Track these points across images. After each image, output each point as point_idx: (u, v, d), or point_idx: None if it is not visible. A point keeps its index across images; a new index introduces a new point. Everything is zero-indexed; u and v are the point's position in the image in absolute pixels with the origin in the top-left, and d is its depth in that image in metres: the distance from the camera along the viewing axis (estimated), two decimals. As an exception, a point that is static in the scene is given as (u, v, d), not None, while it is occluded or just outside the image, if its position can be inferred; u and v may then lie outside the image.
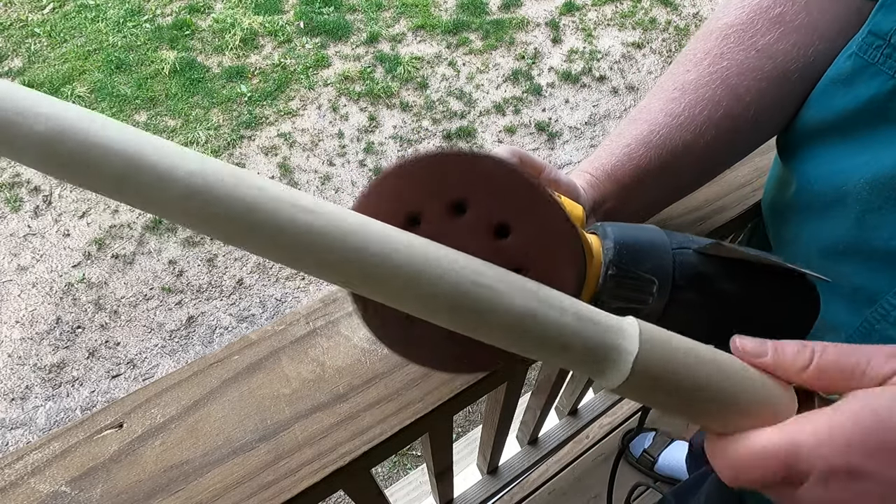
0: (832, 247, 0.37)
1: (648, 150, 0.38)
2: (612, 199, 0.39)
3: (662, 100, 0.39)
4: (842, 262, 0.36)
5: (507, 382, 0.52)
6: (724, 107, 0.38)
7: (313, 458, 0.35)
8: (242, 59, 2.53)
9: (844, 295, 0.36)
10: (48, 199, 2.10)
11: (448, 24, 2.69)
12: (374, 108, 2.40)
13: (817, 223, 0.39)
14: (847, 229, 0.35)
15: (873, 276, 0.34)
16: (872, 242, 0.33)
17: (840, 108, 0.35)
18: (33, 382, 1.74)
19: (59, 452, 0.35)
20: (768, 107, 0.38)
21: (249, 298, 1.92)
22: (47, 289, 1.91)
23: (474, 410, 1.69)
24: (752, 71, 0.37)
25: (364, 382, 0.38)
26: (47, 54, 2.51)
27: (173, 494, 0.33)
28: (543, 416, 0.85)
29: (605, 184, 0.39)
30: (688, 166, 0.39)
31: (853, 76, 0.34)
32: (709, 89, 0.38)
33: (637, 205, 0.41)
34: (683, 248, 0.28)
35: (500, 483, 0.91)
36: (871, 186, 0.33)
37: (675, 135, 0.38)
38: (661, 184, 0.40)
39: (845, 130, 0.36)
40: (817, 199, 0.38)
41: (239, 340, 0.40)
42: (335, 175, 2.20)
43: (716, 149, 0.39)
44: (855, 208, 0.34)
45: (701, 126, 0.38)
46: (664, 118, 0.38)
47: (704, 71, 0.38)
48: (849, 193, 0.35)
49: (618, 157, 0.39)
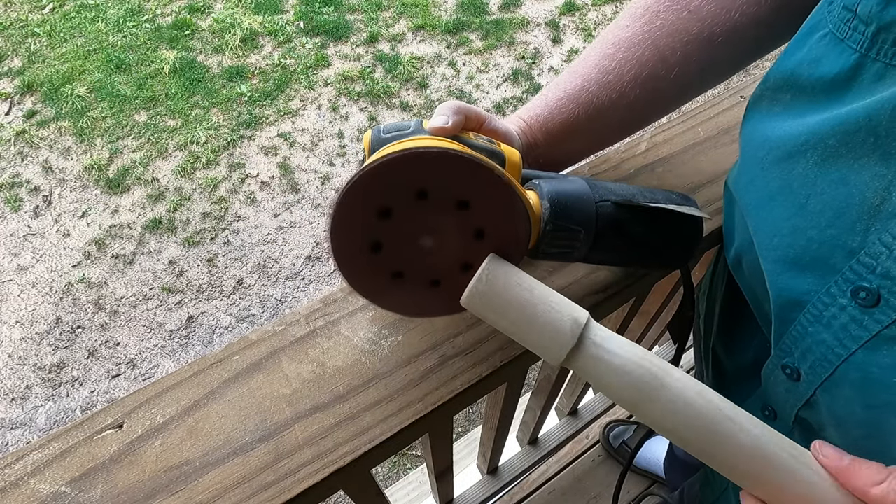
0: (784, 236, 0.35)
1: (578, 105, 0.42)
2: (542, 146, 0.44)
3: (599, 55, 0.42)
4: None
5: (507, 382, 0.52)
6: (650, 68, 0.40)
7: (313, 458, 0.35)
8: (242, 59, 2.53)
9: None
10: (48, 199, 2.10)
11: (448, 24, 2.69)
12: (374, 108, 2.40)
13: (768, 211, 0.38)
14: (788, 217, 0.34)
15: (802, 273, 0.33)
16: (808, 231, 0.32)
17: (808, 87, 0.34)
18: (33, 382, 1.74)
19: (59, 453, 0.35)
20: (691, 70, 0.41)
21: (249, 298, 1.92)
22: (47, 289, 1.91)
23: (474, 410, 1.69)
24: (681, 33, 0.40)
25: (364, 382, 0.38)
26: (47, 54, 2.51)
27: (173, 495, 0.33)
28: (543, 416, 0.85)
29: (537, 134, 0.43)
30: (613, 121, 0.43)
31: (823, 56, 0.33)
32: (639, 49, 0.40)
33: (565, 153, 0.45)
34: (604, 200, 0.35)
35: (500, 483, 0.91)
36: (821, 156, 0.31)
37: (603, 92, 0.41)
38: (587, 136, 0.44)
39: (801, 107, 0.34)
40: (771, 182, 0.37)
41: (239, 340, 0.40)
42: (335, 175, 2.20)
43: (639, 107, 0.43)
44: (801, 192, 0.33)
45: (627, 85, 0.41)
46: (596, 74, 0.42)
47: (639, 29, 0.41)
48: (795, 178, 0.33)
49: (550, 110, 0.43)
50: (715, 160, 0.53)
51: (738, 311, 0.48)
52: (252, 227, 2.07)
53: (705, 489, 0.55)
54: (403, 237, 0.30)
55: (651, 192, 0.38)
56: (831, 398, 0.32)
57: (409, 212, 0.29)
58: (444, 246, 0.31)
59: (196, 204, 2.10)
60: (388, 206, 0.28)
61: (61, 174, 2.16)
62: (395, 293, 0.33)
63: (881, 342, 0.28)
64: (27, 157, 2.20)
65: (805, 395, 0.34)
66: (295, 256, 2.02)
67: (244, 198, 2.13)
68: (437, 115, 0.36)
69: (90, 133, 2.26)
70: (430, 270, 0.32)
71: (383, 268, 0.31)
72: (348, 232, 0.29)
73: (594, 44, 0.43)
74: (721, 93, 0.60)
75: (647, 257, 0.38)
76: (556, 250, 0.35)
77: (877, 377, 0.29)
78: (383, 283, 0.32)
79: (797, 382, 0.35)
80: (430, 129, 0.36)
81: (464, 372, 0.39)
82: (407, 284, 0.32)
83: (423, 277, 0.32)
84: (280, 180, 2.18)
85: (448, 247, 0.31)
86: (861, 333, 0.29)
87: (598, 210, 0.34)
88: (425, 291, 0.33)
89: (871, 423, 0.30)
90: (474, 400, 0.41)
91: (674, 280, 0.64)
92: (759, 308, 0.42)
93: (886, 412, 0.29)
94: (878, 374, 0.29)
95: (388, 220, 0.29)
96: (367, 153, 0.37)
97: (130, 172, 2.16)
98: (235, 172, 2.19)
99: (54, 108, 2.32)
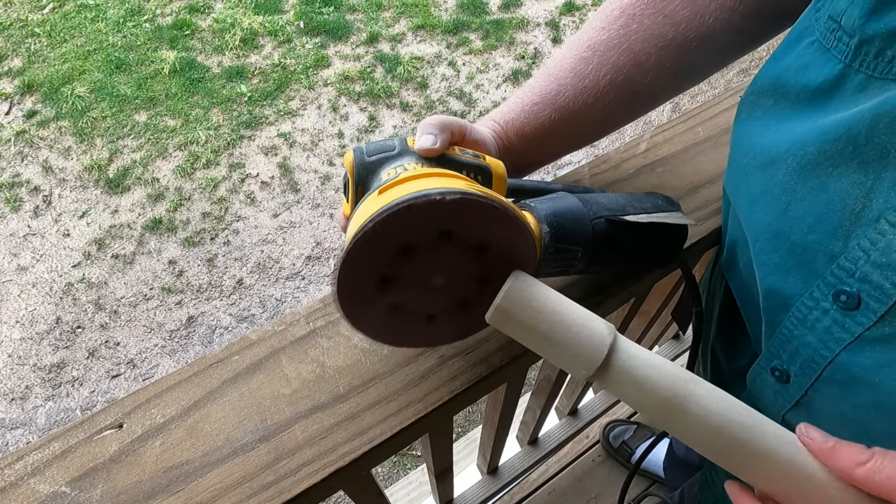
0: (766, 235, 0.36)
1: (553, 110, 0.42)
2: (517, 150, 0.44)
3: (574, 58, 0.42)
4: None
5: (507, 382, 0.52)
6: (625, 73, 0.41)
7: (313, 458, 0.35)
8: (242, 59, 2.53)
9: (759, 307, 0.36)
10: (48, 199, 2.10)
11: (448, 24, 2.69)
12: (374, 108, 2.41)
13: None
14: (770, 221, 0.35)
15: (786, 277, 0.33)
16: (791, 236, 0.33)
17: (793, 93, 0.34)
18: (33, 382, 1.74)
19: (59, 453, 0.35)
20: (664, 74, 0.41)
21: (249, 298, 1.92)
22: (47, 289, 1.91)
23: (474, 410, 1.69)
24: (656, 38, 0.40)
25: (364, 382, 0.38)
26: (47, 54, 2.51)
27: (173, 495, 0.33)
28: (543, 416, 0.85)
29: (513, 138, 0.44)
30: (587, 124, 0.44)
31: (810, 63, 0.33)
32: (615, 53, 0.40)
33: (538, 155, 0.46)
34: (598, 217, 0.36)
35: (500, 483, 0.91)
36: (799, 169, 0.32)
37: (579, 97, 0.42)
38: (562, 138, 0.45)
39: (784, 113, 0.35)
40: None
41: (239, 340, 0.40)
42: (335, 175, 2.20)
43: (613, 111, 0.43)
44: (781, 198, 0.33)
45: (602, 90, 0.41)
46: (572, 79, 0.42)
47: (615, 33, 0.41)
48: (776, 184, 0.34)
49: (526, 114, 0.43)
50: (715, 160, 0.53)
51: (736, 312, 0.48)
52: (252, 227, 2.07)
53: (704, 491, 0.55)
54: (416, 274, 0.30)
55: (638, 199, 0.39)
56: (821, 399, 0.33)
57: (430, 252, 0.29)
58: (451, 283, 0.31)
59: (196, 204, 2.10)
60: (412, 245, 0.28)
61: (61, 174, 2.16)
62: (384, 323, 0.32)
63: (863, 344, 0.29)
64: (27, 157, 2.20)
65: (795, 397, 0.35)
66: (295, 256, 2.02)
67: (244, 198, 2.13)
68: (423, 134, 0.36)
69: (90, 133, 2.26)
70: (430, 306, 0.32)
71: (385, 301, 0.31)
72: (364, 263, 0.28)
73: (569, 45, 0.43)
74: (721, 93, 0.60)
75: (637, 264, 0.40)
76: (556, 269, 0.36)
77: (861, 377, 0.30)
78: (378, 314, 0.31)
79: (787, 384, 0.35)
80: (419, 149, 0.36)
81: (464, 372, 0.39)
82: (401, 317, 0.32)
83: (421, 312, 0.32)
84: (280, 180, 2.18)
85: (455, 283, 0.31)
86: (843, 335, 0.30)
87: (593, 228, 0.35)
88: (417, 325, 0.33)
89: (859, 422, 0.31)
90: (474, 400, 0.41)
91: (674, 280, 0.64)
92: (748, 310, 0.43)
93: (872, 411, 0.30)
94: (861, 374, 0.30)
95: (407, 257, 0.29)
96: (350, 175, 0.37)
97: (130, 172, 2.16)
98: (235, 172, 2.19)
99: (54, 108, 2.32)
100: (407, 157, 0.37)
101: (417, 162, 0.36)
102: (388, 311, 0.31)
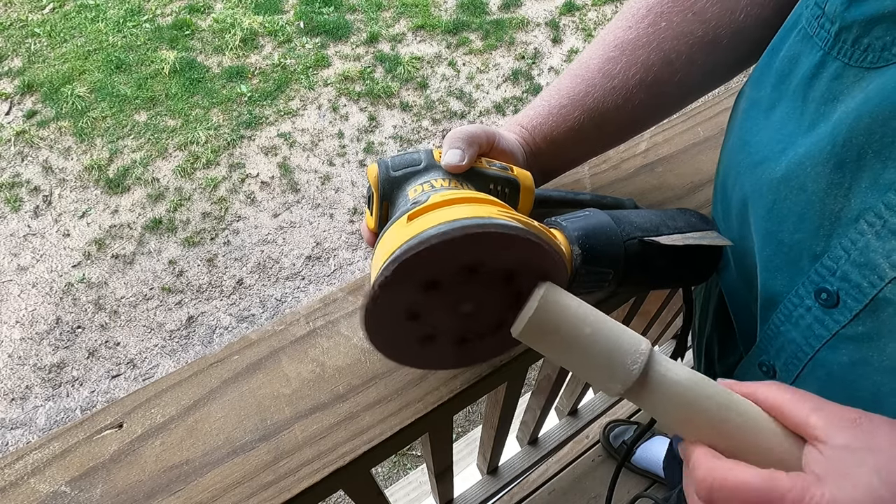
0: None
1: (582, 112, 0.41)
2: (545, 155, 0.43)
3: (602, 58, 0.41)
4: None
5: (507, 382, 0.52)
6: (655, 72, 0.40)
7: (313, 458, 0.35)
8: (242, 59, 2.53)
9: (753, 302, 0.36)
10: (48, 199, 2.10)
11: (448, 24, 2.69)
12: (374, 108, 2.40)
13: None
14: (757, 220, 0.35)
15: (775, 274, 0.33)
16: (779, 235, 0.33)
17: (784, 86, 0.34)
18: (33, 382, 1.74)
19: (59, 452, 0.35)
20: (695, 73, 0.40)
21: (249, 298, 1.92)
22: (47, 289, 1.91)
23: (474, 410, 1.69)
24: (685, 35, 0.39)
25: (364, 382, 0.38)
26: (47, 54, 2.51)
27: (173, 494, 0.33)
28: (543, 416, 0.85)
29: (540, 143, 0.43)
30: (615, 126, 0.43)
31: (800, 53, 0.33)
32: (644, 52, 0.39)
33: (567, 159, 0.46)
34: (631, 238, 0.35)
35: (500, 483, 0.91)
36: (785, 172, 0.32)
37: (608, 98, 0.41)
38: (590, 142, 0.44)
39: (775, 108, 0.35)
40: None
41: (239, 340, 0.40)
42: (335, 175, 2.20)
43: (642, 112, 0.42)
44: (768, 197, 0.33)
45: (632, 90, 0.40)
46: (601, 79, 0.41)
47: (643, 31, 0.40)
48: (764, 184, 0.34)
49: (554, 118, 0.42)
50: (715, 160, 0.52)
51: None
52: (252, 227, 2.07)
53: None
54: (444, 306, 0.29)
55: (671, 217, 0.38)
56: None
57: (456, 284, 0.28)
58: (482, 309, 0.30)
59: (196, 204, 2.10)
60: (437, 280, 0.27)
61: (61, 174, 2.16)
62: (415, 351, 0.31)
63: (840, 341, 0.30)
64: (27, 157, 2.20)
65: None
66: (295, 256, 2.02)
67: (244, 198, 2.13)
68: (451, 149, 0.35)
69: (90, 133, 2.26)
70: (462, 331, 0.31)
71: (416, 332, 0.30)
72: (389, 305, 0.28)
73: (595, 45, 0.42)
74: (721, 92, 0.60)
75: (669, 284, 0.39)
76: (585, 290, 0.35)
77: (838, 374, 0.30)
78: (412, 346, 0.31)
79: (772, 379, 0.35)
80: (446, 165, 0.35)
81: (464, 371, 0.39)
82: (433, 344, 0.31)
83: (453, 338, 0.31)
84: (280, 180, 2.18)
85: (486, 307, 0.30)
86: (823, 332, 0.30)
87: (626, 249, 0.34)
88: (450, 349, 0.32)
89: None
90: (474, 400, 0.41)
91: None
92: (736, 307, 0.43)
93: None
94: (838, 371, 0.30)
95: (433, 292, 0.28)
96: (374, 190, 0.36)
97: (130, 172, 2.16)
98: (235, 172, 2.19)
99: (54, 109, 2.32)
100: (433, 173, 0.36)
101: (445, 178, 0.35)
102: (418, 341, 0.30)
